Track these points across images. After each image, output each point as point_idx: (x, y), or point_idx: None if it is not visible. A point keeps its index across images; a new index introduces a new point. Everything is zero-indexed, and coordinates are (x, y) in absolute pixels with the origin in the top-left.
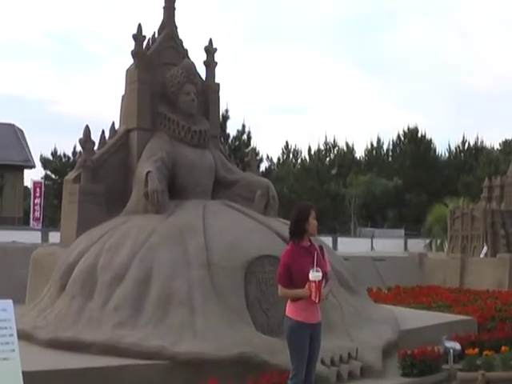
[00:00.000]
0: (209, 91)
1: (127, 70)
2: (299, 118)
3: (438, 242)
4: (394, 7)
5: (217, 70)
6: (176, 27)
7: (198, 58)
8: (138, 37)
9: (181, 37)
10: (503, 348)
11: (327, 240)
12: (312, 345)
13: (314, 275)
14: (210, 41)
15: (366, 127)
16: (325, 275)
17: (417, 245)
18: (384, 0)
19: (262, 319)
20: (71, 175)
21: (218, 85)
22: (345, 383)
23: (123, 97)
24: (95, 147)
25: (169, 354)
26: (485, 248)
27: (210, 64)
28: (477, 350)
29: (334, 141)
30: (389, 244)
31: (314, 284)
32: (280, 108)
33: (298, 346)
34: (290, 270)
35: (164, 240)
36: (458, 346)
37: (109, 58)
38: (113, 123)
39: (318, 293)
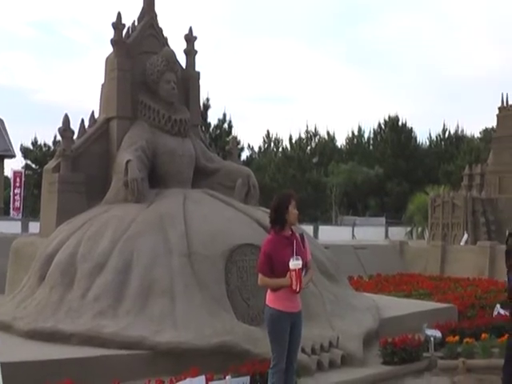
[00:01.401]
0: (189, 80)
1: (107, 59)
2: (280, 107)
3: (419, 230)
4: None
5: (197, 58)
6: (156, 15)
7: (178, 46)
8: (118, 25)
9: (161, 25)
10: (483, 335)
11: (308, 228)
12: (293, 334)
13: (294, 263)
14: (190, 29)
15: (347, 116)
16: (305, 264)
17: (398, 233)
18: None
19: (243, 308)
20: (50, 164)
21: (199, 73)
22: (326, 372)
23: (103, 85)
24: (75, 136)
25: (150, 343)
26: (465, 236)
27: (190, 52)
28: (457, 337)
29: (315, 129)
30: (370, 232)
31: (294, 272)
32: (261, 97)
33: (279, 335)
34: (270, 259)
35: (144, 229)
36: (438, 334)
37: (89, 46)
38: (92, 112)
39: (299, 281)
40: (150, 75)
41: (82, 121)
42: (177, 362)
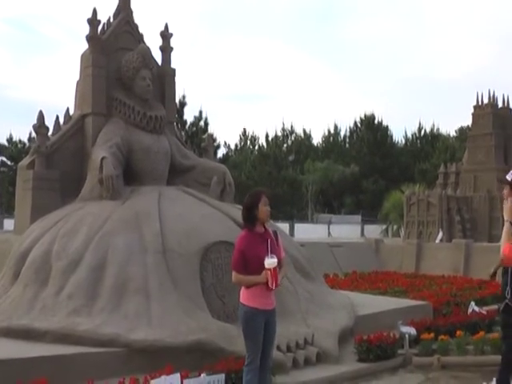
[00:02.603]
0: (165, 76)
1: (82, 55)
2: (257, 105)
3: (395, 227)
4: None
5: (173, 55)
6: (132, 12)
7: (153, 43)
8: (93, 21)
9: (136, 22)
10: (458, 333)
11: (284, 226)
12: (267, 331)
13: (270, 262)
14: (166, 26)
15: (323, 114)
16: (279, 261)
17: (373, 231)
18: None
19: (218, 306)
20: (25, 161)
21: (174, 70)
22: (301, 369)
23: (78, 82)
24: (50, 133)
25: (124, 341)
26: (440, 234)
27: (166, 49)
28: (432, 334)
29: (292, 127)
30: (346, 230)
31: (269, 271)
32: (237, 94)
33: (253, 332)
34: (244, 256)
35: (119, 226)
36: (413, 331)
37: (65, 42)
38: (67, 109)
39: (275, 279)
40: (125, 72)
41: (57, 117)
42: (152, 360)
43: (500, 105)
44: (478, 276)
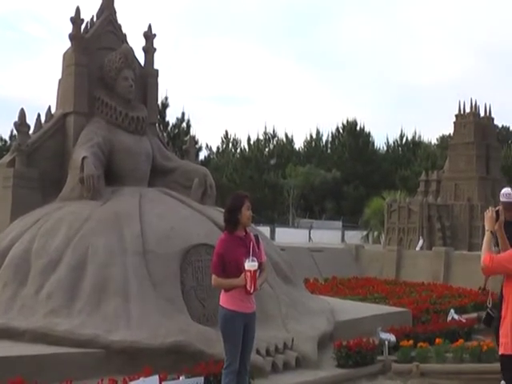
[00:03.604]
0: (147, 77)
1: (64, 54)
2: (239, 108)
3: (375, 234)
4: (338, 2)
5: (156, 56)
6: (115, 11)
7: (136, 43)
8: (76, 20)
9: (120, 21)
10: (437, 340)
11: (265, 230)
12: (246, 335)
13: (250, 264)
14: (149, 26)
15: (305, 119)
16: (260, 265)
17: (354, 237)
18: None
19: (198, 308)
20: (5, 159)
21: (157, 71)
22: (280, 373)
23: (60, 80)
24: (31, 131)
25: (103, 342)
26: (421, 241)
27: (149, 50)
28: (411, 341)
29: (274, 131)
30: (326, 235)
31: (249, 273)
32: (220, 97)
33: (232, 335)
34: (223, 259)
35: (99, 226)
36: (392, 338)
37: (47, 40)
38: (49, 107)
39: (253, 282)
40: (107, 72)
41: (39, 116)
42: (130, 362)
43: (482, 114)
44: (458, 284)
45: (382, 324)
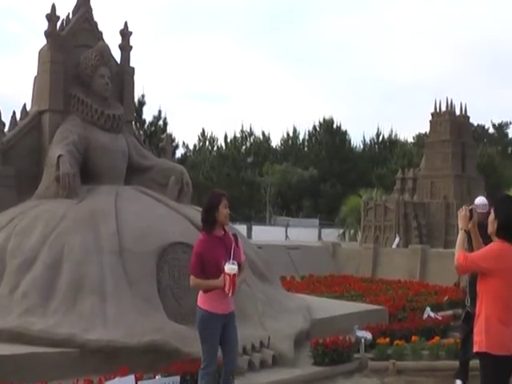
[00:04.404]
0: (123, 75)
1: (40, 51)
2: (216, 106)
3: (352, 232)
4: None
5: (132, 53)
6: (91, 9)
7: (113, 41)
8: (52, 17)
9: (96, 19)
10: (413, 338)
11: (242, 228)
12: (228, 334)
13: (230, 268)
14: (126, 24)
15: (282, 117)
16: (239, 265)
17: (331, 234)
18: None
19: (174, 307)
20: None
21: (133, 69)
22: (257, 371)
23: (36, 78)
24: (6, 129)
25: (79, 341)
26: (397, 239)
27: (125, 47)
28: (388, 339)
29: (251, 129)
30: (303, 233)
31: (228, 277)
32: (197, 95)
33: (210, 336)
34: (202, 259)
35: (75, 225)
36: (369, 336)
37: (23, 37)
38: (24, 105)
39: (232, 286)
40: (83, 69)
41: (14, 113)
42: (107, 361)
43: (457, 112)
44: (434, 281)
45: (358, 322)
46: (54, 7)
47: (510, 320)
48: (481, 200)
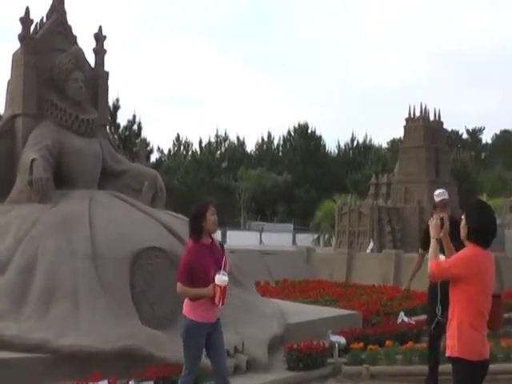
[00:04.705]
0: (98, 79)
1: (14, 54)
2: (191, 110)
3: (326, 237)
4: (290, 4)
5: (106, 58)
6: (65, 12)
7: (87, 45)
8: (26, 20)
9: (70, 23)
10: (387, 342)
11: (216, 233)
12: (214, 340)
13: (221, 279)
14: (100, 28)
15: (257, 122)
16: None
17: (305, 239)
18: None
19: (148, 312)
20: None
21: (108, 73)
22: (231, 377)
23: (9, 81)
24: None
25: (52, 346)
26: (371, 244)
27: (100, 51)
28: (361, 344)
29: (225, 134)
30: (278, 238)
31: (219, 288)
32: (172, 99)
33: (194, 346)
34: (191, 269)
35: (48, 230)
36: (342, 340)
37: None
38: None
39: (222, 297)
40: (57, 73)
41: None
42: (80, 367)
43: (431, 118)
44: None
45: (332, 326)
46: (27, 10)
47: (482, 325)
48: (439, 189)
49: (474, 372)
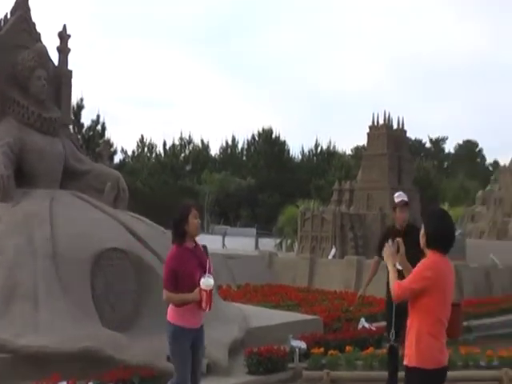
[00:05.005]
0: (61, 77)
1: None
2: (156, 112)
3: (289, 242)
4: (258, 11)
5: (71, 56)
6: (29, 10)
7: (51, 43)
8: None
9: (34, 20)
10: (347, 348)
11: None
12: (195, 352)
13: (207, 283)
14: (64, 26)
15: (221, 125)
16: None
17: (268, 244)
18: (248, 3)
19: (109, 313)
20: None
21: (71, 72)
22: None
23: None
24: None
25: (11, 346)
26: (333, 249)
27: (64, 50)
28: (322, 349)
29: (190, 137)
30: (241, 242)
31: (205, 293)
32: (137, 101)
33: (182, 352)
34: (176, 274)
35: (9, 229)
36: (303, 345)
37: None
38: None
39: (209, 302)
40: (20, 71)
41: None
42: (39, 367)
43: (395, 126)
44: (370, 292)
45: (293, 331)
46: None
47: (441, 333)
48: (398, 192)
49: (431, 380)
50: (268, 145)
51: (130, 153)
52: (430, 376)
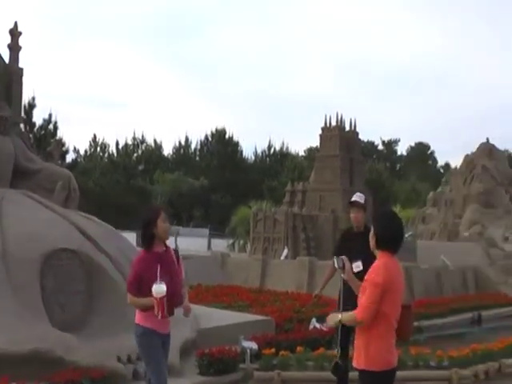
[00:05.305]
0: (12, 75)
1: None
2: (109, 112)
3: (241, 242)
4: (211, 11)
5: (22, 54)
6: None
7: (1, 40)
8: None
9: None
10: (298, 348)
11: (131, 236)
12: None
13: (157, 290)
14: (16, 24)
15: (174, 126)
16: (179, 282)
17: (220, 245)
18: (203, 3)
19: (59, 314)
20: None
21: (22, 70)
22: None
23: None
24: None
25: None
26: (285, 250)
27: (15, 47)
28: (273, 350)
29: (143, 137)
30: (193, 243)
31: (155, 300)
32: (90, 100)
33: (154, 352)
34: (141, 279)
35: None
36: (254, 346)
37: None
38: None
39: (161, 309)
40: None
41: None
42: None
43: (347, 128)
44: (325, 293)
45: (245, 332)
46: None
47: (391, 333)
48: (357, 193)
49: (380, 381)
50: (221, 145)
51: (82, 152)
52: (379, 378)
